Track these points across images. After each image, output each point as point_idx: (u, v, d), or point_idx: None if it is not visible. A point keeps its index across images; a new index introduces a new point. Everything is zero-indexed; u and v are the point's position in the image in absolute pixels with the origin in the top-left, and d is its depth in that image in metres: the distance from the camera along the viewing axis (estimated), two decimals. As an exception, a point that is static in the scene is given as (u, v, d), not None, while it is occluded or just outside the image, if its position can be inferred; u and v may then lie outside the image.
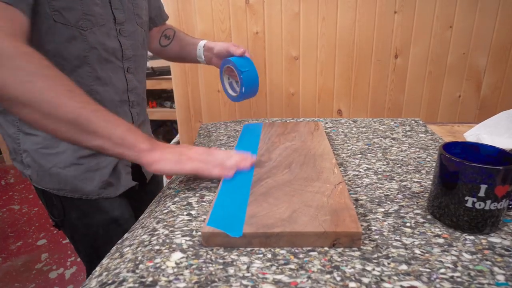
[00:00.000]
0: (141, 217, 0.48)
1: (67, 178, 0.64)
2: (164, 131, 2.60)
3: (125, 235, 0.43)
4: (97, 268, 0.37)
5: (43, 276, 1.43)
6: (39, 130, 0.60)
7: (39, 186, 0.65)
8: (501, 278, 0.32)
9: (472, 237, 0.38)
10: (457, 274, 0.32)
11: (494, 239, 0.37)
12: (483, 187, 0.36)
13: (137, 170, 0.76)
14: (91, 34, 0.58)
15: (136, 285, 0.32)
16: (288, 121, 0.85)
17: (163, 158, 0.47)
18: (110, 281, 0.33)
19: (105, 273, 0.35)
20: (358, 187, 0.50)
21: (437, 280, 0.31)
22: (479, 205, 0.37)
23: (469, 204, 0.37)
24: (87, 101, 0.46)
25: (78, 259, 1.53)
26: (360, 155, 0.61)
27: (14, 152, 0.64)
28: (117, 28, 0.64)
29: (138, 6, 0.69)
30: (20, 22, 0.47)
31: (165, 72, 2.11)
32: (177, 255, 0.35)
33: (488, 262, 0.34)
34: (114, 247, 0.40)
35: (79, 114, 0.44)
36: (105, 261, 0.38)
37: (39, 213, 1.89)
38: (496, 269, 0.33)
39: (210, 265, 0.34)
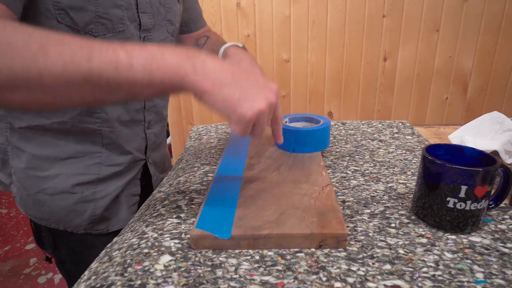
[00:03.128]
0: (131, 220, 0.48)
1: (53, 207, 0.55)
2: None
3: (114, 239, 0.43)
4: (86, 272, 0.37)
5: (32, 281, 1.41)
6: (29, 146, 0.52)
7: (20, 209, 0.58)
8: (480, 276, 0.33)
9: (454, 237, 0.39)
10: (439, 272, 0.33)
11: (475, 238, 0.39)
12: (464, 188, 0.37)
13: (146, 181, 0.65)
14: None
15: (125, 288, 0.32)
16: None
17: (216, 92, 0.33)
18: (98, 285, 0.33)
19: (93, 277, 0.35)
20: (346, 188, 0.51)
21: (419, 279, 0.32)
22: (460, 205, 0.38)
23: (450, 205, 0.38)
24: (76, 46, 0.32)
25: (68, 264, 1.51)
26: (348, 157, 0.62)
27: (0, 163, 0.57)
28: (142, 35, 0.54)
29: (171, 11, 0.59)
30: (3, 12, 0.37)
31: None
32: (165, 258, 0.36)
33: (468, 261, 0.35)
34: (103, 251, 0.41)
35: (75, 70, 0.31)
36: (93, 264, 0.38)
37: (27, 218, 1.86)
38: (475, 267, 0.34)
39: (199, 267, 0.34)
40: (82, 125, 0.53)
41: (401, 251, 0.36)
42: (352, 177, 0.54)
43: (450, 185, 0.38)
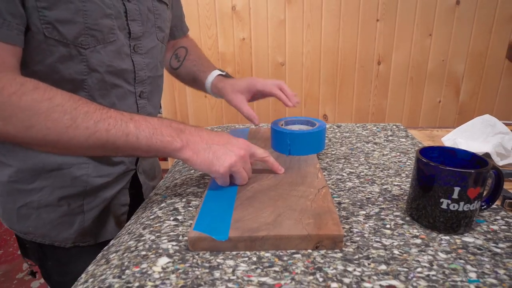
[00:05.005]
0: (127, 223, 0.48)
1: (39, 221, 0.53)
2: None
3: (111, 242, 0.43)
4: (83, 275, 0.37)
5: (25, 286, 1.39)
6: (11, 158, 0.51)
7: (4, 224, 0.56)
8: (473, 275, 0.33)
9: (447, 237, 0.40)
10: (433, 272, 0.34)
11: (468, 238, 0.39)
12: (457, 190, 0.38)
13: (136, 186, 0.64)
14: (94, 54, 0.48)
15: (123, 290, 0.32)
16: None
17: (195, 158, 0.44)
18: (96, 287, 0.33)
19: (90, 280, 0.35)
20: (341, 190, 0.51)
21: (414, 279, 0.33)
22: (453, 206, 0.39)
23: (444, 206, 0.39)
24: (98, 119, 0.40)
25: (62, 268, 1.49)
26: (343, 160, 0.63)
27: None
28: (132, 44, 0.53)
29: (160, 17, 0.58)
30: (12, 54, 0.41)
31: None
32: (163, 260, 0.36)
33: (462, 261, 0.35)
34: (100, 254, 0.40)
35: (96, 139, 0.40)
36: (90, 267, 0.38)
37: (21, 221, 1.84)
38: (468, 267, 0.35)
39: (196, 269, 0.35)
40: None
41: (396, 251, 0.37)
42: (348, 179, 0.55)
43: (444, 187, 0.39)
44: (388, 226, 0.42)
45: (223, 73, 0.68)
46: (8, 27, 0.39)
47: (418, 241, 0.39)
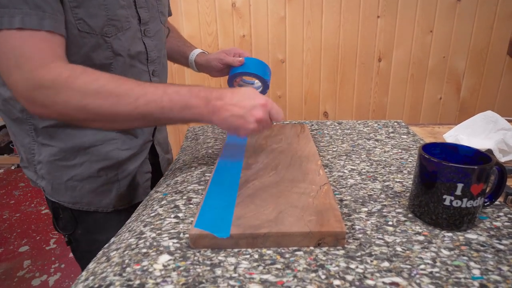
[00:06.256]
0: (128, 221, 0.48)
1: (84, 191, 0.62)
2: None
3: (112, 239, 0.43)
4: (83, 273, 0.37)
5: (26, 284, 1.39)
6: (54, 141, 0.58)
7: (52, 199, 0.62)
8: (476, 272, 0.33)
9: (450, 234, 0.39)
10: (436, 269, 0.34)
11: (471, 235, 0.39)
12: (460, 186, 0.38)
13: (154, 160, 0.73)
14: (116, 41, 0.55)
15: (124, 288, 0.32)
16: (274, 123, 0.85)
17: (221, 123, 0.50)
18: (96, 285, 0.33)
19: (91, 277, 0.35)
20: (343, 187, 0.51)
21: (417, 276, 0.33)
22: (456, 203, 0.38)
23: (447, 202, 0.39)
24: (137, 96, 0.47)
25: (62, 265, 1.49)
26: (344, 157, 0.63)
27: (27, 162, 0.62)
28: (142, 29, 0.61)
29: (161, 3, 0.67)
30: (60, 44, 0.48)
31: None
32: (164, 258, 0.36)
33: (465, 257, 0.35)
34: (101, 252, 0.40)
35: (138, 113, 0.47)
36: (91, 265, 0.38)
37: (21, 219, 1.84)
38: (472, 263, 0.34)
39: (198, 266, 0.34)
40: None
41: (398, 248, 0.37)
42: (349, 176, 0.54)
43: (446, 183, 0.38)
44: (390, 223, 0.42)
45: (206, 53, 0.81)
46: (58, 20, 0.47)
47: (421, 238, 0.39)
